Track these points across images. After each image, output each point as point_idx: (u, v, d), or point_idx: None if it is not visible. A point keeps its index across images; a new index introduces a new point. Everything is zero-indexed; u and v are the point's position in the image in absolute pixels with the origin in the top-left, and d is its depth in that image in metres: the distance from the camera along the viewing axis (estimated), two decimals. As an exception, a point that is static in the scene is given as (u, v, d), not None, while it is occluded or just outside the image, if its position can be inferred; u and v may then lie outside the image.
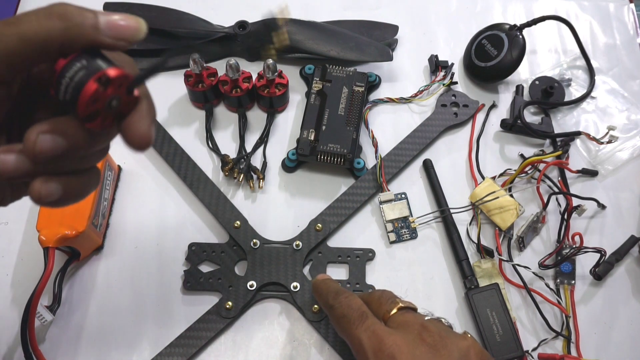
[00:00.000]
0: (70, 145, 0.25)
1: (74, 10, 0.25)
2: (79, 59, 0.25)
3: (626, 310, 0.48)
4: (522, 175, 0.52)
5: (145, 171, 0.53)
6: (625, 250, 0.49)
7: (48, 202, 0.26)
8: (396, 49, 0.60)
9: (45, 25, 0.24)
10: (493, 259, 0.49)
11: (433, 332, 0.36)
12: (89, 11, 0.25)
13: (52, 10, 0.25)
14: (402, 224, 0.51)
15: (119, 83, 0.24)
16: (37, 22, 0.24)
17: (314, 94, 0.53)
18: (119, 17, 0.26)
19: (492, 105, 0.57)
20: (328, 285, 0.43)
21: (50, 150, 0.25)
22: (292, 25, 0.56)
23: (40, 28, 0.24)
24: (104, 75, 0.24)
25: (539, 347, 0.46)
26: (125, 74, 0.25)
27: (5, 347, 0.45)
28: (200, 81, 0.53)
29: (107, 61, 0.25)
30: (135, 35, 0.27)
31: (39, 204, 0.27)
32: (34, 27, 0.24)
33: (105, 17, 0.26)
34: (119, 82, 0.24)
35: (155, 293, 0.47)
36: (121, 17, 0.26)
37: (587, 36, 0.62)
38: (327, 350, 0.46)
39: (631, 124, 0.56)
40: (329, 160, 0.50)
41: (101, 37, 0.25)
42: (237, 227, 0.49)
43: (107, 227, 0.50)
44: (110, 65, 0.25)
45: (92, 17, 0.25)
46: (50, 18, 0.24)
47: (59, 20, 0.24)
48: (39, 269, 0.42)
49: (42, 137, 0.24)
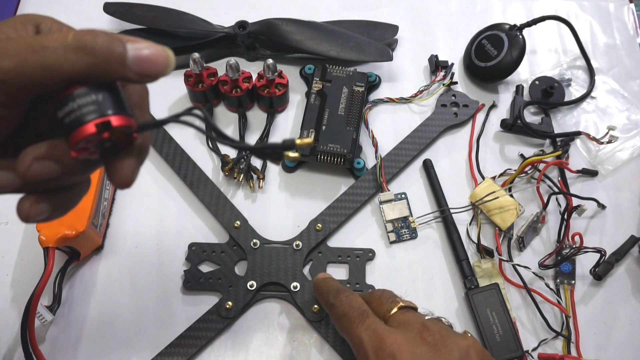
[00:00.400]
0: (63, 172, 0.25)
1: (103, 43, 0.23)
2: (94, 91, 0.24)
3: (626, 310, 0.48)
4: (522, 175, 0.52)
5: (145, 171, 0.53)
6: (625, 250, 0.49)
7: (36, 221, 0.26)
8: (396, 49, 0.60)
9: (72, 60, 0.23)
10: (493, 259, 0.49)
11: (434, 331, 0.36)
12: (118, 42, 0.24)
13: (81, 43, 0.23)
14: (402, 224, 0.51)
15: (119, 131, 0.24)
16: (63, 55, 0.23)
17: (314, 94, 0.53)
18: (148, 50, 0.24)
19: (492, 105, 0.57)
20: (329, 284, 0.43)
21: (42, 175, 0.24)
22: (292, 25, 0.56)
23: (66, 62, 0.23)
24: (107, 123, 0.23)
25: (539, 347, 0.46)
26: (128, 125, 0.24)
27: (5, 347, 0.45)
28: (200, 81, 0.53)
29: (119, 103, 0.24)
30: (162, 72, 0.25)
31: (26, 222, 0.26)
32: (60, 60, 0.23)
33: (134, 50, 0.24)
34: (120, 131, 0.24)
35: (155, 293, 0.47)
36: (151, 51, 0.24)
37: (587, 36, 0.62)
38: (327, 350, 0.46)
39: (631, 124, 0.56)
40: (329, 160, 0.50)
41: (127, 74, 0.24)
42: (237, 227, 0.49)
43: (107, 227, 0.50)
44: (119, 112, 0.24)
45: (121, 51, 0.24)
46: (78, 52, 0.23)
47: (87, 55, 0.23)
48: (39, 269, 0.42)
49: (36, 162, 0.24)
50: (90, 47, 0.23)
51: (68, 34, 0.23)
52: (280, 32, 0.56)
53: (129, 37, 0.24)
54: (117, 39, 0.24)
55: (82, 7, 0.61)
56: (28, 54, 0.23)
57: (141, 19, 0.57)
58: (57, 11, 0.61)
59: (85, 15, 0.61)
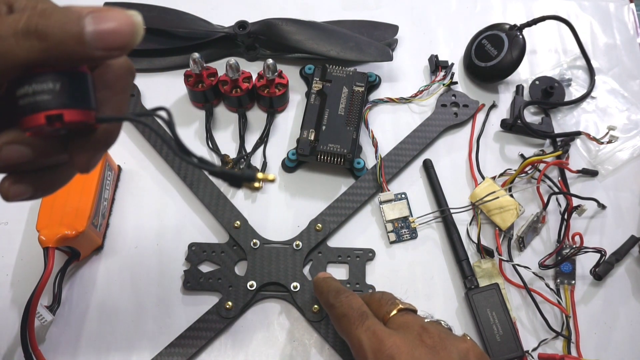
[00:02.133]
0: (35, 153, 0.24)
1: (55, 24, 0.21)
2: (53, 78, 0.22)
3: (626, 310, 0.48)
4: (522, 175, 0.52)
5: (145, 171, 0.53)
6: (625, 250, 0.49)
7: (17, 200, 0.26)
8: (396, 49, 0.60)
9: (24, 47, 0.21)
10: (493, 259, 0.49)
11: (433, 333, 0.36)
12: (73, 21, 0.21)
13: (32, 27, 0.21)
14: (402, 224, 0.51)
15: (72, 125, 0.22)
16: (15, 42, 0.21)
17: (314, 94, 0.53)
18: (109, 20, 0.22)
19: (492, 105, 0.57)
20: (329, 284, 0.43)
21: (16, 159, 0.24)
22: (292, 25, 0.56)
23: (19, 49, 0.21)
24: (59, 116, 0.22)
25: (539, 347, 0.46)
26: (83, 120, 0.22)
27: (5, 347, 0.45)
28: (200, 81, 0.53)
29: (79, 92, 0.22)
30: (130, 42, 0.22)
31: (7, 201, 0.26)
32: (12, 48, 0.21)
33: (92, 25, 0.21)
34: (73, 125, 0.22)
35: (155, 293, 0.47)
36: (112, 20, 0.22)
37: (587, 36, 0.62)
38: (327, 350, 0.46)
39: (631, 124, 0.56)
40: (329, 160, 0.50)
41: (89, 52, 0.22)
42: (237, 227, 0.49)
43: (107, 227, 0.50)
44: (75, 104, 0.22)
45: (76, 30, 0.21)
46: (30, 38, 0.21)
47: (39, 41, 0.21)
48: (39, 269, 0.42)
49: (7, 147, 0.23)
50: (42, 31, 0.21)
51: (21, 18, 0.21)
52: (280, 32, 0.56)
53: (90, 7, 0.22)
54: (73, 16, 0.22)
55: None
56: None
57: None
58: (57, 11, 0.61)
59: (85, 15, 0.61)
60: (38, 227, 0.44)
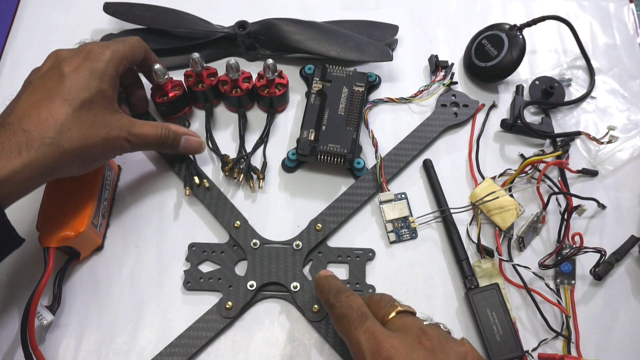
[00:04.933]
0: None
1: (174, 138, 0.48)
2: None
3: (626, 310, 0.48)
4: (522, 175, 0.52)
5: (145, 171, 0.53)
6: (625, 250, 0.49)
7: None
8: (396, 49, 0.60)
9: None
10: (493, 259, 0.49)
11: (431, 336, 0.36)
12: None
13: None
14: (402, 224, 0.51)
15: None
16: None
17: (314, 94, 0.53)
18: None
19: (492, 105, 0.57)
20: (330, 283, 0.42)
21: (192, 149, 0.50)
22: (292, 25, 0.56)
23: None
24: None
25: (539, 347, 0.46)
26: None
27: (5, 347, 0.45)
28: (200, 81, 0.53)
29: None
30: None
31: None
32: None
33: (184, 141, 0.49)
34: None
35: (155, 293, 0.47)
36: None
37: (587, 36, 0.62)
38: (327, 350, 0.46)
39: (631, 124, 0.56)
40: (329, 160, 0.50)
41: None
42: (237, 227, 0.49)
43: (107, 227, 0.50)
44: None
45: (178, 142, 0.48)
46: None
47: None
48: (39, 269, 0.42)
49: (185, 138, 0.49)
50: (173, 137, 0.48)
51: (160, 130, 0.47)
52: (280, 32, 0.56)
53: (186, 131, 0.49)
54: (180, 136, 0.48)
55: (82, 7, 0.61)
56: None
57: (141, 18, 0.57)
58: (57, 11, 0.61)
59: (85, 15, 0.61)
60: (38, 227, 0.44)
